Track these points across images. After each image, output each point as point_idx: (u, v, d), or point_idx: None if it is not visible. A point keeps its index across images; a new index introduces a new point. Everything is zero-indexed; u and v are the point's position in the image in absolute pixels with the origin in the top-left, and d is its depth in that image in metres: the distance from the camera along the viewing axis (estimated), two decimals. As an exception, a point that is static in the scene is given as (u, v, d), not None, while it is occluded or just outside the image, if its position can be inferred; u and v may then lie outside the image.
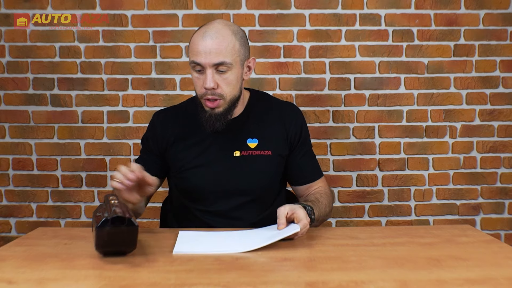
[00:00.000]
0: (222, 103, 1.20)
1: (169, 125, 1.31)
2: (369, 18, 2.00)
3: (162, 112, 1.37)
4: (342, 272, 0.83)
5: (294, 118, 1.33)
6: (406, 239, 1.05)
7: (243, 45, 1.21)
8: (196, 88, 1.22)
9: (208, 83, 1.16)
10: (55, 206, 2.03)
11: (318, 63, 2.01)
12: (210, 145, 1.27)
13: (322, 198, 1.24)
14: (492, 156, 2.05)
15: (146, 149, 1.34)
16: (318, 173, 1.35)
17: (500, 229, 2.07)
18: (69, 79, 1.99)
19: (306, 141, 1.35)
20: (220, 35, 1.16)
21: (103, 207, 0.95)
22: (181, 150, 1.29)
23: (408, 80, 2.02)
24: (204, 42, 1.15)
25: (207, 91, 1.18)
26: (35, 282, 0.79)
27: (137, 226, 0.91)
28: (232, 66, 1.18)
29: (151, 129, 1.34)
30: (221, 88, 1.18)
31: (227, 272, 0.83)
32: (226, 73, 1.18)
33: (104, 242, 0.90)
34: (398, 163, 2.05)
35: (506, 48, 2.02)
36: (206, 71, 1.16)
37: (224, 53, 1.15)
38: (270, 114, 1.32)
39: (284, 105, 1.36)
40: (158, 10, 1.97)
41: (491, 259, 0.91)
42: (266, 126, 1.30)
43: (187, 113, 1.32)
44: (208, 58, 1.15)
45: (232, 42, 1.17)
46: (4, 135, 2.01)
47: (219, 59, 1.15)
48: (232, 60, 1.17)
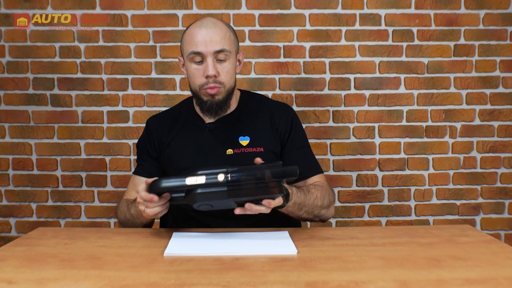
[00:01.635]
0: (222, 91, 1.23)
1: (164, 128, 1.34)
2: (369, 18, 2.00)
3: (156, 117, 1.40)
4: (342, 272, 0.83)
5: (283, 114, 1.33)
6: (406, 239, 1.05)
7: (235, 37, 1.28)
8: (194, 80, 1.23)
9: (210, 70, 1.19)
10: (55, 206, 2.03)
11: (318, 63, 2.01)
12: (203, 144, 1.29)
13: (314, 189, 1.20)
14: (492, 156, 2.05)
15: (143, 154, 1.36)
16: (315, 169, 1.31)
17: (500, 229, 2.07)
18: (69, 79, 1.99)
19: (298, 137, 1.33)
20: (217, 26, 1.21)
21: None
22: (176, 151, 1.30)
23: (408, 80, 2.02)
24: (203, 32, 1.19)
25: (208, 80, 1.21)
26: (35, 282, 0.79)
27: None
28: (230, 55, 1.23)
29: (147, 133, 1.36)
30: (221, 76, 1.22)
31: (227, 272, 0.83)
32: (225, 62, 1.22)
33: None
34: (398, 163, 2.05)
35: (506, 48, 2.02)
36: (207, 59, 1.19)
37: (223, 41, 1.20)
38: (260, 112, 1.33)
39: (275, 103, 1.38)
40: (158, 10, 1.97)
41: (491, 259, 0.90)
42: (257, 124, 1.31)
43: (180, 114, 1.35)
44: (209, 46, 1.19)
45: (228, 32, 1.23)
46: (4, 135, 2.01)
47: (220, 46, 1.19)
48: (230, 48, 1.22)
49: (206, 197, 0.97)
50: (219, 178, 0.96)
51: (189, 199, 0.99)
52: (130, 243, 1.03)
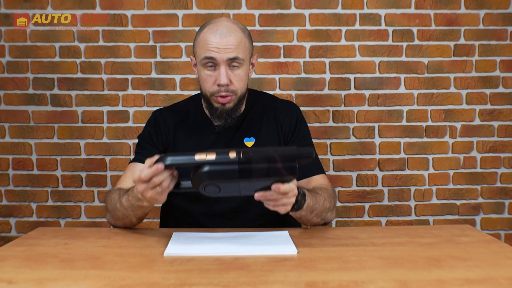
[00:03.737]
0: (233, 99, 1.22)
1: (172, 124, 1.31)
2: (369, 18, 2.00)
3: (164, 110, 1.36)
4: (342, 272, 0.83)
5: (288, 113, 1.31)
6: (406, 239, 1.05)
7: (250, 42, 1.24)
8: (205, 85, 1.21)
9: (222, 79, 1.17)
10: (55, 206, 2.03)
11: (318, 63, 2.01)
12: (209, 146, 1.27)
13: (321, 191, 1.18)
14: (492, 156, 2.05)
15: (147, 143, 1.30)
16: (318, 169, 1.29)
17: (500, 229, 2.07)
18: (69, 79, 1.99)
19: (303, 137, 1.32)
20: (232, 32, 1.18)
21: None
22: (181, 150, 1.28)
23: (408, 80, 2.02)
24: (219, 38, 1.16)
25: (220, 88, 1.19)
26: (35, 282, 0.79)
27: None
28: (244, 62, 1.20)
29: (154, 124, 1.31)
30: (233, 85, 1.20)
31: (227, 272, 0.83)
32: (238, 69, 1.20)
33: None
34: (398, 163, 2.05)
35: (506, 48, 2.02)
36: (220, 67, 1.17)
37: (238, 48, 1.17)
38: (266, 112, 1.32)
39: (281, 102, 1.36)
40: (158, 10, 1.97)
41: (491, 259, 0.90)
42: (263, 124, 1.30)
43: (189, 113, 1.33)
44: (223, 53, 1.16)
45: (243, 38, 1.20)
46: (4, 135, 2.01)
47: (234, 54, 1.17)
48: (244, 56, 1.20)
49: (215, 175, 0.90)
50: (230, 155, 0.90)
51: (195, 179, 0.92)
52: (130, 243, 1.03)
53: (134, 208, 1.08)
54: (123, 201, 1.10)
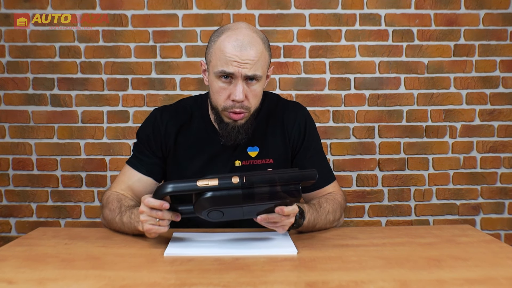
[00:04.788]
0: (246, 115, 1.14)
1: (172, 127, 1.24)
2: (369, 18, 2.00)
3: (164, 111, 1.27)
4: (342, 272, 0.83)
5: (296, 121, 1.24)
6: (406, 239, 1.05)
7: (269, 53, 1.15)
8: (218, 98, 1.13)
9: (238, 95, 1.09)
10: (55, 206, 2.03)
11: (318, 63, 2.01)
12: (212, 154, 1.22)
13: (326, 204, 1.15)
14: (492, 156, 2.05)
15: (145, 148, 1.25)
16: (329, 177, 1.25)
17: (500, 229, 2.07)
18: (69, 79, 1.99)
19: (312, 145, 1.25)
20: (253, 44, 1.09)
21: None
22: (182, 157, 1.23)
23: (408, 80, 2.02)
24: (239, 51, 1.07)
25: (234, 104, 1.11)
26: (35, 282, 0.79)
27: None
28: (261, 78, 1.12)
29: (153, 127, 1.24)
30: (247, 101, 1.12)
31: (227, 272, 0.83)
32: (255, 85, 1.11)
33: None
34: (398, 163, 2.05)
35: (506, 48, 2.02)
36: (237, 82, 1.09)
37: (257, 64, 1.09)
38: (272, 117, 1.25)
39: (286, 106, 1.28)
40: (158, 10, 1.97)
41: (491, 259, 0.91)
42: (268, 133, 1.24)
43: (192, 118, 1.25)
44: (242, 69, 1.07)
45: (264, 51, 1.11)
46: (4, 135, 2.01)
47: (253, 71, 1.08)
48: (262, 72, 1.11)
49: (219, 201, 0.91)
50: (233, 180, 0.90)
51: (198, 206, 0.92)
52: (130, 243, 1.03)
53: (132, 230, 1.07)
54: (123, 219, 1.08)
